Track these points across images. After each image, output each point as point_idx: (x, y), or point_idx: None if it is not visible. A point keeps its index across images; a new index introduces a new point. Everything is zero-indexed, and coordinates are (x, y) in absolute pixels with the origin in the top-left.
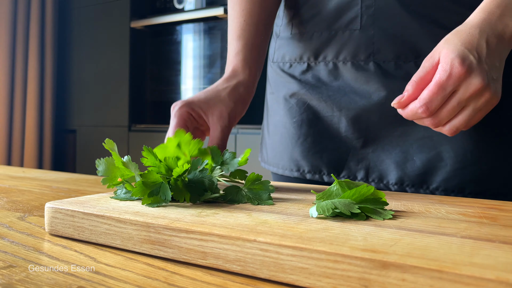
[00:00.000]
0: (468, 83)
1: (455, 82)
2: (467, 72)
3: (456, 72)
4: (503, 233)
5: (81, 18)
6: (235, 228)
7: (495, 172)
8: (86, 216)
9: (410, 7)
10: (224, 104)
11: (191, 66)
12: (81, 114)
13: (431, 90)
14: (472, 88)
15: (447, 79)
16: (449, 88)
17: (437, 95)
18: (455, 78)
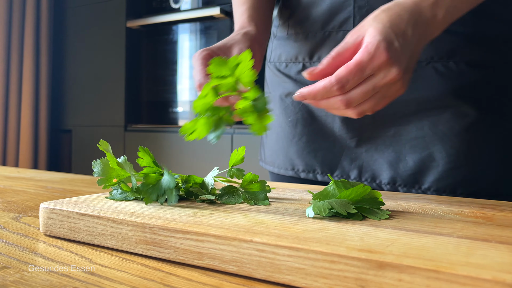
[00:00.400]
0: (387, 71)
1: (375, 67)
2: (390, 59)
3: (379, 57)
4: (499, 233)
5: (76, 18)
6: (231, 229)
7: (487, 173)
8: (81, 216)
9: None
10: (241, 43)
11: (187, 66)
12: (77, 114)
13: (350, 68)
14: (389, 76)
15: (369, 61)
16: (368, 72)
17: (354, 75)
18: (377, 63)
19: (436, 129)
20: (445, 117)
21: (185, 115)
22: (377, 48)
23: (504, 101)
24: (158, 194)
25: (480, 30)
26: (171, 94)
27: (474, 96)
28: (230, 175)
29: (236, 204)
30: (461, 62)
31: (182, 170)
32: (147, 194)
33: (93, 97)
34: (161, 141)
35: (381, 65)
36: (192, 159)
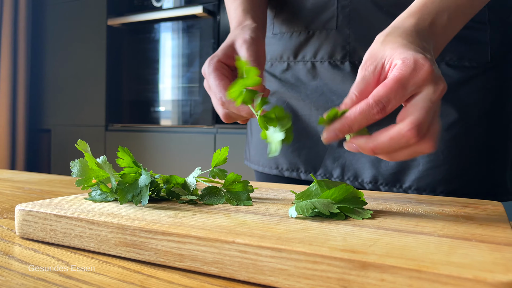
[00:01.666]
0: (435, 83)
1: (419, 81)
2: (433, 71)
3: (421, 69)
4: (480, 232)
5: (56, 15)
6: (213, 230)
7: (466, 172)
8: (58, 218)
9: (384, 8)
10: (241, 34)
11: (169, 65)
12: (56, 113)
13: (389, 86)
14: (439, 89)
15: (410, 75)
16: (410, 88)
17: (395, 93)
18: (421, 76)
19: None
20: None
21: (167, 115)
22: (416, 60)
23: (485, 101)
24: (134, 193)
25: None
26: (153, 93)
27: (455, 97)
28: (212, 176)
29: (218, 204)
30: (441, 63)
31: (164, 171)
32: (123, 193)
33: (73, 96)
34: (143, 141)
35: (426, 78)
36: (175, 159)
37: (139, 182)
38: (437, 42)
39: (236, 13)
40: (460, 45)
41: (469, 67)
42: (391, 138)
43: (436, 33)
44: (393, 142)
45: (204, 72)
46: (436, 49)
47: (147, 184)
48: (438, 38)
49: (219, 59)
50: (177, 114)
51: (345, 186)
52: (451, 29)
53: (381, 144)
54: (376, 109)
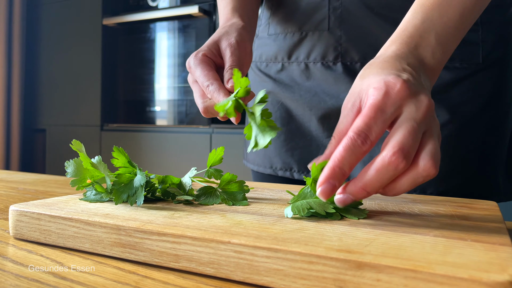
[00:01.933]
0: (416, 100)
1: (397, 101)
2: (409, 88)
3: (394, 89)
4: (475, 231)
5: (51, 14)
6: (208, 230)
7: (457, 173)
8: (53, 219)
9: (375, 9)
10: (228, 34)
11: (165, 64)
12: (51, 113)
13: (366, 114)
14: (423, 105)
15: (384, 98)
16: (389, 109)
17: (374, 119)
18: (394, 95)
19: None
20: None
21: (162, 114)
22: (387, 82)
23: (476, 102)
24: (129, 194)
25: None
26: (148, 93)
27: (446, 97)
28: (208, 176)
29: (214, 205)
30: None
31: (160, 171)
32: (118, 193)
33: (69, 95)
34: (138, 141)
35: (402, 97)
36: (170, 159)
37: (134, 182)
38: (428, 63)
39: (225, 10)
40: None
41: (460, 68)
42: (377, 170)
43: (424, 55)
44: (381, 173)
45: (189, 66)
46: (431, 69)
47: (142, 184)
48: (428, 60)
49: (204, 54)
50: (173, 114)
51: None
52: (444, 47)
53: (369, 179)
54: (360, 140)
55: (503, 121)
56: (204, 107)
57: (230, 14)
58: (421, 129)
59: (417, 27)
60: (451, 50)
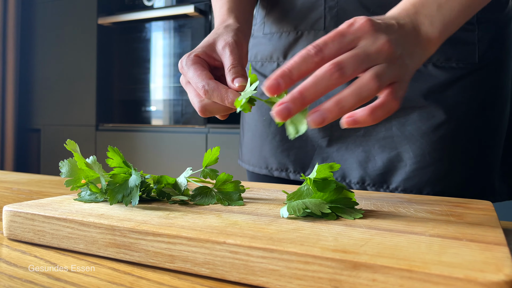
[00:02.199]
0: (374, 37)
1: (357, 32)
2: (373, 26)
3: (359, 22)
4: (470, 231)
5: (45, 13)
6: (204, 230)
7: (453, 173)
8: (47, 219)
9: (371, 9)
10: (224, 35)
11: (160, 64)
12: (46, 113)
13: (328, 35)
14: (379, 43)
15: (347, 26)
16: (349, 37)
17: (332, 39)
18: (357, 26)
19: (404, 130)
20: (412, 118)
21: (158, 114)
22: (356, 18)
23: (472, 102)
24: (124, 194)
25: None
26: (144, 93)
27: (442, 97)
28: (203, 176)
29: (209, 205)
30: (429, 63)
31: (156, 171)
32: (113, 193)
33: (63, 95)
34: (133, 141)
35: (364, 30)
36: (166, 159)
37: (129, 183)
38: (425, 30)
39: (220, 11)
40: (448, 46)
41: (457, 68)
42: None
43: (422, 21)
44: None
45: (182, 67)
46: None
47: (137, 184)
48: (426, 27)
49: (197, 54)
50: (169, 113)
51: (337, 184)
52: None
53: (306, 84)
54: (313, 50)
55: (498, 121)
56: (202, 106)
57: (226, 15)
58: (369, 61)
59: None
60: (453, 25)
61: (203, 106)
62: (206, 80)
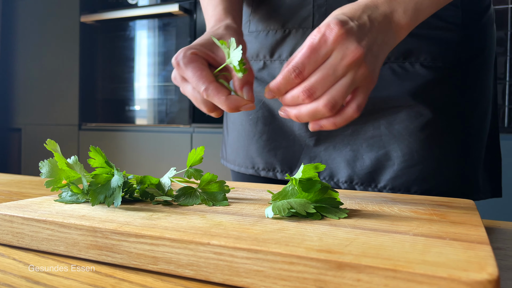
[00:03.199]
0: (344, 47)
1: (330, 44)
2: (344, 34)
3: (330, 33)
4: (453, 230)
5: (27, 11)
6: (187, 231)
7: (440, 171)
8: (26, 221)
9: None
10: (226, 37)
11: (145, 63)
12: (27, 112)
13: (303, 52)
14: (349, 54)
15: (320, 40)
16: (322, 50)
17: (309, 58)
18: (329, 38)
19: (392, 129)
20: (400, 116)
21: (142, 114)
22: (327, 25)
23: (458, 101)
24: (106, 194)
25: (434, 32)
26: (128, 92)
27: (429, 97)
28: (187, 176)
29: (193, 205)
30: (416, 63)
31: (140, 171)
32: (95, 194)
33: (45, 94)
34: (117, 140)
35: (335, 41)
36: (151, 159)
37: (112, 183)
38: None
39: (215, 11)
40: (434, 46)
41: (443, 68)
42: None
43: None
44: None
45: (177, 64)
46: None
47: (119, 185)
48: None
49: (195, 52)
50: (153, 113)
51: (322, 184)
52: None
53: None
54: (294, 74)
55: (482, 120)
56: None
57: (223, 15)
58: (337, 76)
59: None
60: (424, 12)
61: (211, 106)
62: (207, 84)
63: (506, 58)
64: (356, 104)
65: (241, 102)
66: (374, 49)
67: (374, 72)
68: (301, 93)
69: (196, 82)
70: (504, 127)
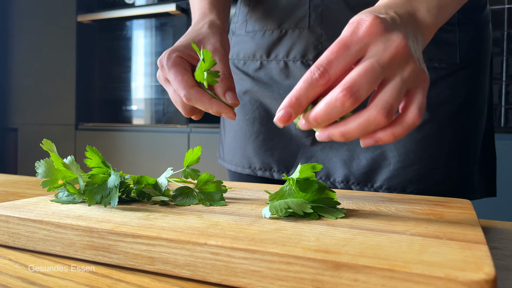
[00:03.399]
0: (384, 39)
1: (363, 37)
2: (381, 24)
3: (363, 25)
4: (450, 230)
5: (23, 10)
6: (184, 231)
7: (436, 171)
8: (22, 221)
9: (356, 8)
10: (210, 37)
11: (142, 63)
12: (24, 112)
13: (330, 49)
14: (391, 44)
15: (351, 34)
16: (355, 46)
17: (336, 54)
18: (363, 31)
19: None
20: None
21: (139, 113)
22: (359, 19)
23: (454, 101)
24: (103, 195)
25: None
26: (125, 91)
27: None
28: (184, 176)
29: (190, 205)
30: None
31: (137, 171)
32: (91, 194)
33: (42, 94)
34: (114, 140)
35: (372, 33)
36: (147, 159)
37: (108, 183)
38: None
39: (201, 4)
40: (430, 46)
41: (439, 68)
42: (326, 104)
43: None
44: (329, 107)
45: (162, 66)
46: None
47: (116, 185)
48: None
49: (179, 55)
50: (150, 113)
51: (319, 184)
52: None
53: (319, 112)
54: (317, 73)
55: (478, 120)
56: (186, 110)
57: (208, 9)
58: (384, 71)
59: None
60: (447, 10)
61: (188, 109)
62: (187, 89)
63: (502, 58)
64: (417, 106)
65: (223, 108)
66: (414, 44)
67: (423, 68)
68: (340, 94)
69: (177, 86)
70: (500, 127)
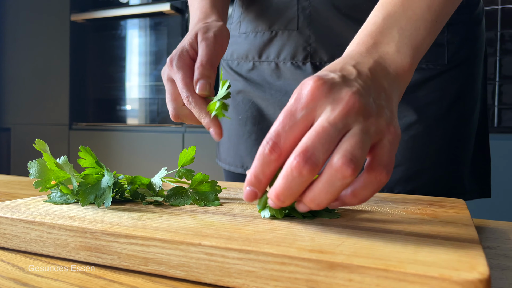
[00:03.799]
0: (331, 99)
1: (308, 102)
2: (323, 85)
3: (307, 90)
4: (444, 229)
5: (16, 9)
6: (178, 232)
7: (423, 172)
8: (14, 222)
9: (343, 10)
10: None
11: (136, 62)
12: (17, 111)
13: (277, 120)
14: (341, 103)
15: (294, 101)
16: (299, 113)
17: (283, 126)
18: (306, 96)
19: None
20: None
21: (133, 113)
22: (303, 84)
23: (441, 102)
24: (96, 195)
25: None
26: (119, 91)
27: (412, 98)
28: (179, 176)
29: (185, 205)
30: None
31: (132, 171)
32: (85, 194)
33: (35, 93)
34: (108, 140)
35: (316, 97)
36: (142, 159)
37: (102, 183)
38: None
39: (201, 4)
40: None
41: (426, 69)
42: (283, 177)
43: (386, 51)
44: (287, 179)
45: (171, 64)
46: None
47: (110, 185)
48: (392, 56)
49: (189, 54)
50: (144, 112)
51: None
52: (413, 42)
53: (279, 185)
54: (267, 148)
55: (468, 121)
56: (176, 114)
57: (209, 9)
58: (337, 129)
59: (377, 24)
60: (423, 45)
61: (178, 114)
62: (190, 92)
63: (496, 59)
64: (380, 163)
65: (213, 123)
66: (374, 96)
67: (390, 121)
68: (294, 162)
69: (182, 87)
70: (493, 127)
